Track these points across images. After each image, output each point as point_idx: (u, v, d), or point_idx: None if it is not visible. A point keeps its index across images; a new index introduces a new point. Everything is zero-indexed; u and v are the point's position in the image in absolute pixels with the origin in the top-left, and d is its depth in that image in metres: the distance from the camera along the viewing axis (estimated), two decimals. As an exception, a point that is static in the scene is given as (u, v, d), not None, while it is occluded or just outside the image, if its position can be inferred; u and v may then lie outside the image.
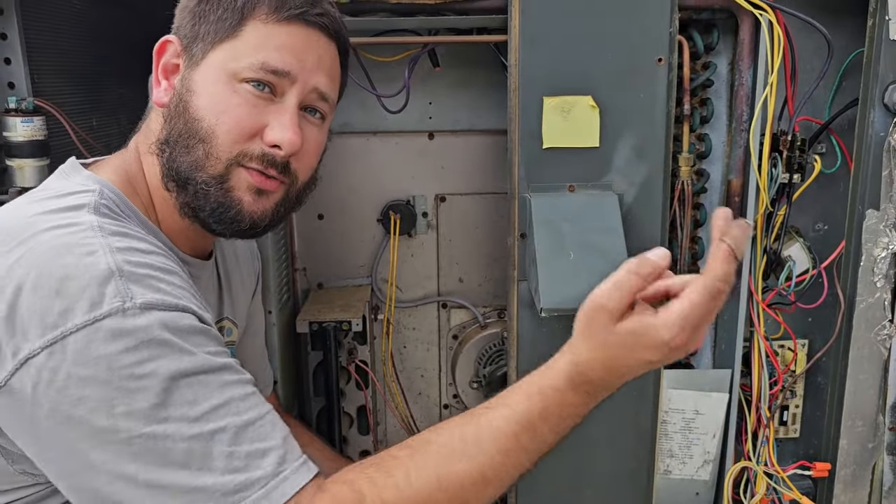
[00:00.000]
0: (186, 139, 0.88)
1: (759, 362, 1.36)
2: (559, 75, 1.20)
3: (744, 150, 1.29)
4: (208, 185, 0.89)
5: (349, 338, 1.49)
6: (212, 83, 0.88)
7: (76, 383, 0.71)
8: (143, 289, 0.75)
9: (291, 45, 0.90)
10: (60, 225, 0.78)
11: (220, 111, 0.88)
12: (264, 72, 0.88)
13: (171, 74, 0.92)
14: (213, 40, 0.89)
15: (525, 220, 1.23)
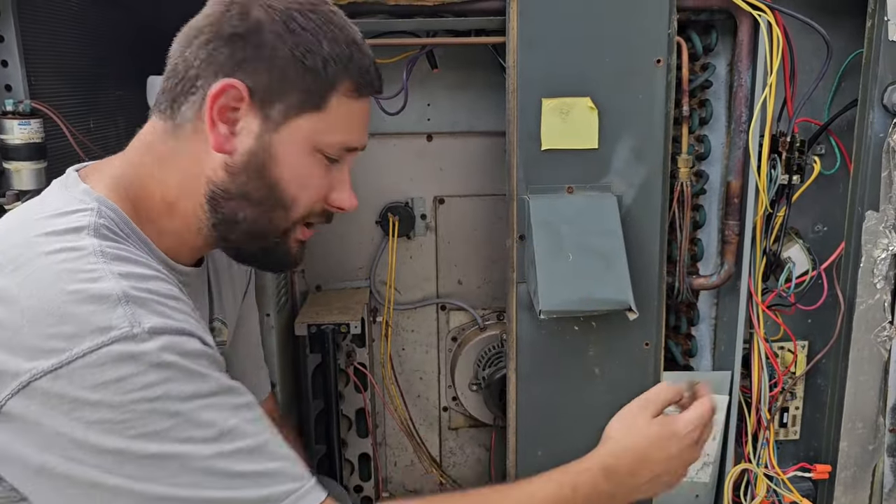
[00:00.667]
0: (265, 202, 0.91)
1: (759, 364, 1.36)
2: (558, 77, 1.19)
3: (743, 151, 1.28)
4: (277, 244, 0.94)
5: (348, 340, 1.48)
6: (296, 154, 0.90)
7: (86, 407, 0.71)
8: (149, 313, 0.76)
9: (364, 120, 0.95)
10: (62, 248, 0.78)
11: (304, 184, 0.91)
12: (343, 150, 0.93)
13: (230, 119, 0.89)
14: (299, 108, 0.88)
15: (524, 221, 1.23)
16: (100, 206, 0.85)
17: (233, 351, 1.19)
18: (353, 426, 1.55)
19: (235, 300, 1.17)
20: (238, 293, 1.18)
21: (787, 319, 1.38)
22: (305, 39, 0.87)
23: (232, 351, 1.19)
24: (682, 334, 1.46)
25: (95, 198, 0.86)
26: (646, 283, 1.25)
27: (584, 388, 1.30)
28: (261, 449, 0.78)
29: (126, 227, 0.87)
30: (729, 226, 1.32)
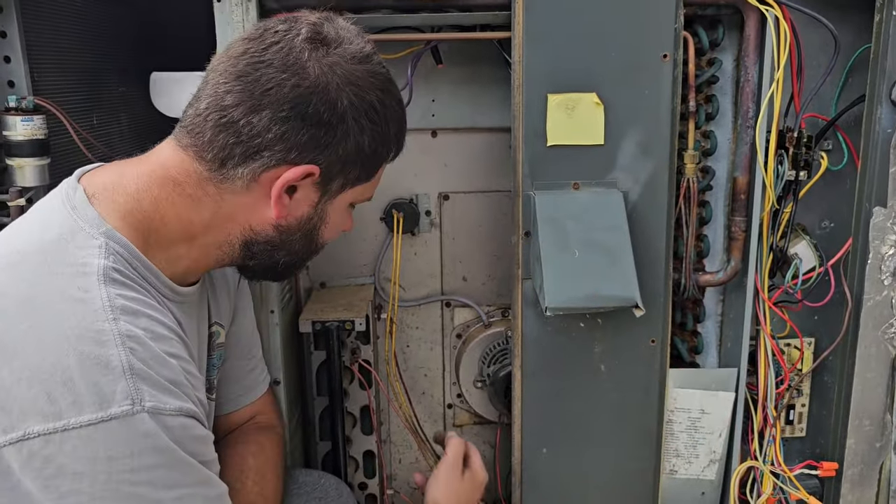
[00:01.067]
0: (304, 251, 1.00)
1: (766, 361, 1.35)
2: (563, 72, 1.19)
3: (749, 147, 1.27)
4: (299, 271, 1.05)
5: (352, 337, 1.48)
6: (339, 215, 0.99)
7: (68, 477, 0.71)
8: (151, 389, 0.76)
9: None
10: (72, 297, 0.77)
11: (337, 232, 1.02)
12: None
13: (292, 190, 0.92)
14: (356, 182, 0.96)
15: (529, 218, 1.22)
16: (107, 241, 0.83)
17: (229, 347, 1.18)
18: (358, 423, 1.54)
19: (230, 298, 1.16)
20: (231, 290, 1.17)
21: (794, 316, 1.38)
22: (382, 130, 0.94)
23: (228, 347, 1.18)
24: (688, 331, 1.45)
25: (104, 232, 0.83)
26: (652, 279, 1.25)
27: (589, 386, 1.30)
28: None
29: (135, 260, 0.85)
30: (735, 222, 1.31)
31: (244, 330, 1.23)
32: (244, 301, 1.23)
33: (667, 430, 1.37)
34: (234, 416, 1.22)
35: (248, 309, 1.24)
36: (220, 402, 1.20)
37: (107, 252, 0.82)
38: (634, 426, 1.32)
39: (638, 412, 1.32)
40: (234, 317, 1.19)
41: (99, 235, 0.83)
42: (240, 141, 0.86)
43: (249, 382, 1.24)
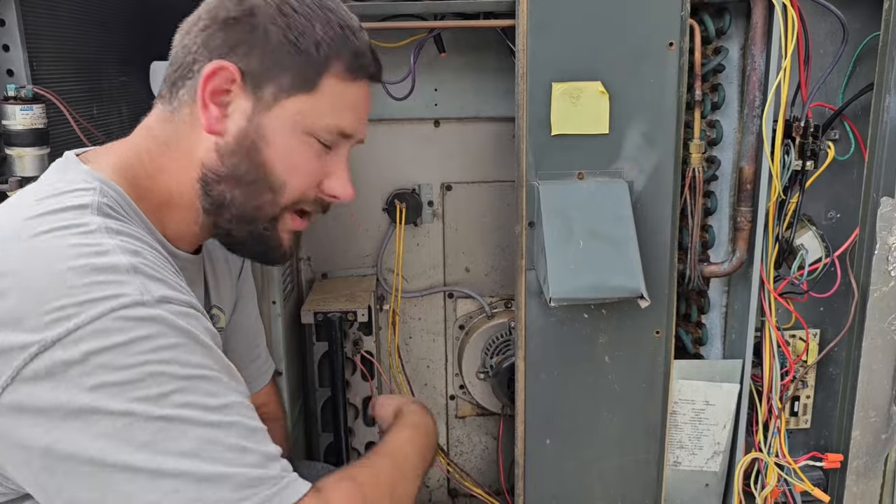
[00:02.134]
0: (254, 184, 0.90)
1: (771, 352, 1.34)
2: (568, 61, 1.17)
3: (756, 136, 1.26)
4: (266, 230, 0.93)
5: (354, 328, 1.47)
6: (286, 135, 0.90)
7: (92, 370, 0.70)
8: (159, 285, 0.76)
9: (360, 105, 0.94)
10: (66, 226, 0.77)
11: (293, 166, 0.91)
12: (336, 135, 0.92)
13: (222, 101, 0.89)
14: (290, 90, 0.89)
15: (533, 208, 1.21)
16: (102, 185, 0.85)
17: (230, 336, 1.18)
18: (360, 414, 1.54)
19: (232, 286, 1.16)
20: (233, 276, 1.17)
21: (799, 307, 1.37)
22: (298, 22, 0.88)
23: (229, 336, 1.18)
24: (693, 322, 1.44)
25: (97, 178, 0.86)
26: (657, 270, 1.24)
27: (593, 377, 1.29)
28: (256, 431, 0.78)
29: (128, 207, 0.87)
30: (741, 212, 1.30)
31: (247, 319, 1.23)
32: (247, 289, 1.22)
33: (671, 421, 1.36)
34: None
35: (251, 298, 1.24)
36: None
37: (101, 194, 0.84)
38: (638, 417, 1.31)
39: (642, 403, 1.31)
40: (237, 305, 1.19)
41: (94, 182, 0.85)
42: (178, 66, 0.90)
43: (252, 373, 1.24)
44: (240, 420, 0.76)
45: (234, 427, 0.75)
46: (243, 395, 0.80)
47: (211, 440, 0.73)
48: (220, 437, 0.74)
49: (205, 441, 0.73)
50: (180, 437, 0.72)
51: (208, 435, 0.73)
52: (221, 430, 0.74)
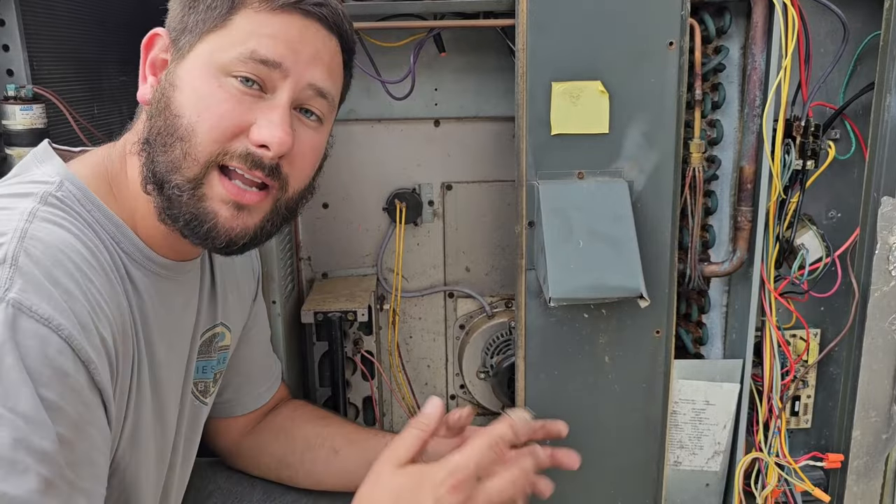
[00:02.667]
0: (165, 137, 0.81)
1: (771, 352, 1.34)
2: (568, 60, 1.17)
3: (756, 136, 1.26)
4: (181, 189, 0.81)
5: (355, 328, 1.47)
6: (196, 77, 0.81)
7: None
8: (27, 286, 0.68)
9: (285, 35, 0.82)
10: (1, 207, 0.75)
11: (203, 107, 0.80)
12: (253, 62, 0.80)
13: (158, 70, 0.86)
14: (201, 31, 0.82)
15: (533, 207, 1.21)
16: (63, 180, 0.81)
17: (238, 357, 1.17)
18: (361, 414, 1.54)
19: (242, 307, 1.14)
20: (246, 299, 1.15)
21: (800, 307, 1.36)
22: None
23: (238, 357, 1.17)
24: (693, 322, 1.44)
25: (63, 174, 0.82)
26: (657, 270, 1.24)
27: (593, 377, 1.29)
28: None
29: (89, 204, 0.82)
30: (741, 212, 1.30)
31: (263, 333, 1.24)
32: (260, 306, 1.23)
33: (671, 421, 1.36)
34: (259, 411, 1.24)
35: (263, 312, 1.25)
36: (244, 401, 1.21)
37: (58, 187, 0.80)
38: (639, 417, 1.31)
39: (642, 403, 1.31)
40: (253, 321, 1.19)
41: (56, 177, 0.82)
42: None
43: (272, 379, 1.26)
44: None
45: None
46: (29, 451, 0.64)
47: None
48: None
49: None
50: None
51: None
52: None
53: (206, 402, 1.08)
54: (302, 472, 1.19)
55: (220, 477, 1.24)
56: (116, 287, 0.81)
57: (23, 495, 0.63)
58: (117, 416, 0.81)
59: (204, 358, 1.05)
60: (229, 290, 1.09)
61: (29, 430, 0.65)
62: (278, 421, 1.23)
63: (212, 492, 1.22)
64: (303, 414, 1.24)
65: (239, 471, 1.24)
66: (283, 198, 0.87)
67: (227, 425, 1.21)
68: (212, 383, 1.09)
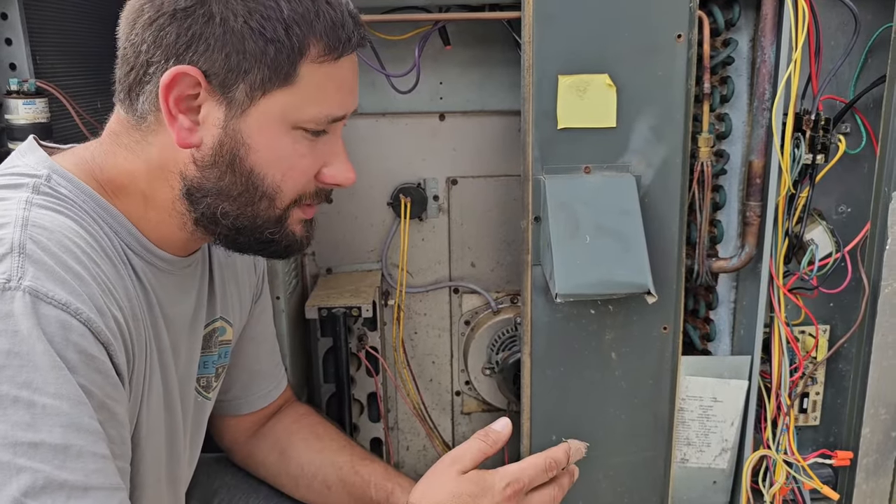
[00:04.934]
0: (245, 194, 0.83)
1: (780, 349, 1.33)
2: (575, 53, 1.16)
3: (765, 130, 1.24)
4: (272, 233, 0.87)
5: (359, 324, 1.46)
6: (271, 136, 0.81)
7: None
8: (39, 273, 0.68)
9: (349, 81, 0.85)
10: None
11: (287, 167, 0.83)
12: (327, 123, 0.84)
13: (191, 108, 0.80)
14: (265, 86, 0.79)
15: (539, 202, 1.20)
16: (51, 173, 0.80)
17: (245, 355, 1.17)
18: (365, 410, 1.53)
19: (242, 302, 1.12)
20: (245, 295, 1.14)
21: (809, 303, 1.35)
22: (259, 3, 0.76)
23: (244, 354, 1.16)
24: (701, 318, 1.43)
25: (49, 165, 0.81)
26: (664, 265, 1.22)
27: (600, 373, 1.28)
28: (63, 488, 0.64)
29: (82, 194, 0.81)
30: (750, 207, 1.28)
31: (269, 331, 1.23)
32: (265, 303, 1.22)
33: (678, 418, 1.35)
34: (265, 410, 1.23)
35: (269, 310, 1.24)
36: (251, 399, 1.21)
37: (47, 179, 0.80)
38: (645, 414, 1.30)
39: (649, 400, 1.29)
40: (258, 319, 1.18)
41: (44, 169, 0.81)
42: (130, 67, 0.82)
43: (279, 377, 1.25)
44: (43, 470, 0.63)
45: (23, 475, 0.62)
46: (80, 432, 0.66)
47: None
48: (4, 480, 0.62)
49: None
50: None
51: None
52: (9, 475, 0.62)
53: (208, 398, 1.08)
54: (297, 495, 1.20)
55: (227, 473, 1.24)
56: (122, 272, 0.81)
57: (82, 480, 0.65)
58: (133, 400, 0.82)
59: (205, 353, 1.04)
60: (229, 284, 1.08)
61: (75, 414, 0.66)
62: (276, 433, 1.21)
63: (218, 488, 1.22)
64: (300, 431, 1.22)
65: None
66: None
67: (235, 423, 1.21)
68: (214, 378, 1.08)
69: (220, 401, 1.14)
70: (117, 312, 0.76)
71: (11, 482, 0.62)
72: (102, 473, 0.67)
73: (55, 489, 0.63)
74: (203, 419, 1.08)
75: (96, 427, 0.68)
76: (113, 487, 0.68)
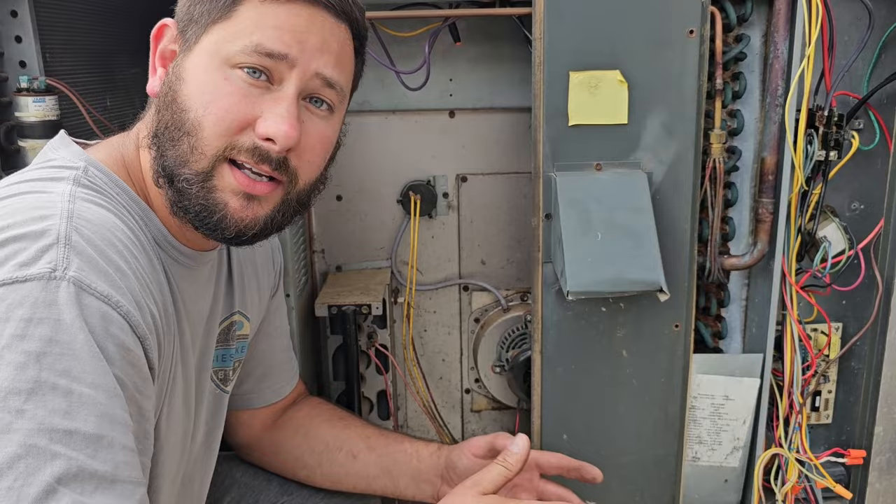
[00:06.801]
0: (173, 131, 0.81)
1: (792, 346, 1.32)
2: (586, 49, 1.15)
3: (778, 126, 1.23)
4: (190, 183, 0.81)
5: (369, 321, 1.46)
6: (202, 70, 0.80)
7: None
8: (84, 264, 0.69)
9: (291, 24, 0.80)
10: (34, 191, 0.76)
11: (208, 100, 0.79)
12: (259, 55, 0.79)
13: (167, 61, 0.84)
14: (207, 22, 0.80)
15: (550, 199, 1.19)
16: (88, 165, 0.82)
17: (259, 349, 1.17)
18: (375, 408, 1.53)
19: (261, 297, 1.13)
20: (264, 290, 1.15)
21: (821, 301, 1.34)
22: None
23: (258, 349, 1.17)
24: (712, 316, 1.42)
25: (85, 158, 0.83)
26: (676, 263, 1.22)
27: (611, 371, 1.27)
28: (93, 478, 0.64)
29: (116, 188, 0.83)
30: (762, 204, 1.28)
31: (284, 327, 1.24)
32: (280, 300, 1.23)
33: (690, 416, 1.34)
34: (278, 405, 1.24)
35: (283, 306, 1.25)
36: (264, 393, 1.21)
37: (85, 172, 0.81)
38: (657, 412, 1.29)
39: (660, 398, 1.29)
40: (273, 314, 1.19)
41: (80, 162, 0.82)
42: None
43: (292, 372, 1.26)
44: (76, 458, 0.63)
45: (56, 461, 0.62)
46: (113, 424, 0.67)
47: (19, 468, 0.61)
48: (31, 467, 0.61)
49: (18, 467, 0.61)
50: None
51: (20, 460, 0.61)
52: (41, 460, 0.62)
53: (227, 390, 1.09)
54: (319, 473, 1.20)
55: (238, 471, 1.24)
56: (156, 266, 0.83)
57: (111, 471, 0.66)
58: (158, 395, 0.82)
59: (223, 346, 1.05)
60: (248, 279, 1.09)
61: (110, 405, 0.67)
62: (298, 419, 1.23)
63: (229, 486, 1.22)
64: (321, 413, 1.25)
65: (255, 465, 1.24)
66: (294, 190, 0.86)
67: (249, 417, 1.22)
68: (231, 371, 1.09)
69: (233, 395, 1.14)
70: (153, 307, 0.77)
71: (46, 467, 0.62)
72: (130, 466, 0.68)
73: (86, 478, 0.64)
74: (222, 412, 1.09)
75: (127, 419, 0.69)
76: (137, 482, 0.69)
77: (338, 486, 1.21)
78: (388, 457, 1.18)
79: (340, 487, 1.21)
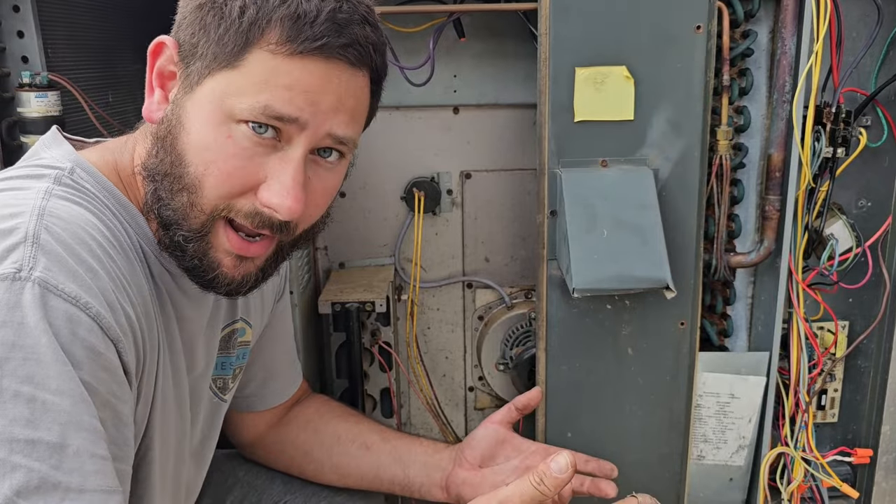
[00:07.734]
0: (171, 182, 0.76)
1: (798, 345, 1.31)
2: (592, 45, 1.14)
3: (785, 122, 1.23)
4: (187, 240, 0.78)
5: (372, 319, 1.45)
6: (204, 121, 0.75)
7: None
8: (51, 264, 0.66)
9: (304, 85, 0.73)
10: (12, 188, 0.74)
11: (210, 159, 0.74)
12: (266, 117, 0.73)
13: (166, 81, 0.79)
14: (212, 65, 0.74)
15: (555, 196, 1.19)
16: (75, 166, 0.79)
17: (263, 352, 1.16)
18: (378, 406, 1.52)
19: (264, 303, 1.12)
20: (268, 295, 1.13)
21: (828, 298, 1.33)
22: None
23: (262, 352, 1.16)
24: (718, 314, 1.41)
25: (73, 159, 0.80)
26: (682, 260, 1.21)
27: (616, 369, 1.26)
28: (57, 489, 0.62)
29: (103, 190, 0.80)
30: (769, 201, 1.27)
31: (288, 330, 1.23)
32: (285, 303, 1.21)
33: (695, 414, 1.33)
34: (281, 406, 1.23)
35: (288, 309, 1.23)
36: (267, 396, 1.20)
37: (70, 172, 0.78)
38: (662, 411, 1.29)
39: (666, 396, 1.28)
40: (277, 318, 1.17)
41: (67, 163, 0.79)
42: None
43: (295, 374, 1.25)
44: (39, 469, 0.61)
45: (25, 474, 0.60)
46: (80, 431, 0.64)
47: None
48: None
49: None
50: None
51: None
52: (2, 473, 0.60)
53: (224, 399, 1.07)
54: (328, 466, 1.19)
55: (240, 470, 1.23)
56: (136, 267, 0.79)
57: (78, 481, 0.63)
58: (144, 400, 0.80)
59: (223, 354, 1.03)
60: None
61: (75, 412, 0.64)
62: (306, 415, 1.23)
63: (232, 485, 1.21)
64: (332, 410, 1.24)
65: (258, 463, 1.23)
66: (288, 240, 0.84)
67: (252, 419, 1.21)
68: (231, 380, 1.07)
69: (235, 398, 1.13)
70: (129, 309, 0.74)
71: (5, 480, 0.60)
72: (100, 475, 0.65)
73: (49, 490, 0.61)
74: (218, 422, 1.07)
75: (97, 426, 0.66)
76: (110, 490, 0.65)
77: (345, 480, 1.19)
78: (404, 447, 1.19)
79: (348, 481, 1.19)
